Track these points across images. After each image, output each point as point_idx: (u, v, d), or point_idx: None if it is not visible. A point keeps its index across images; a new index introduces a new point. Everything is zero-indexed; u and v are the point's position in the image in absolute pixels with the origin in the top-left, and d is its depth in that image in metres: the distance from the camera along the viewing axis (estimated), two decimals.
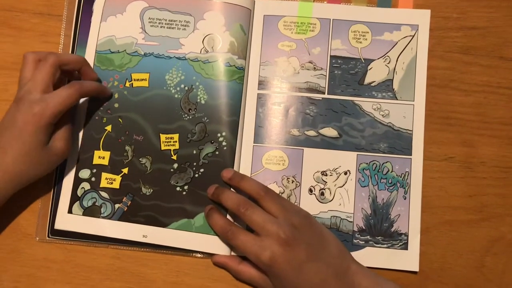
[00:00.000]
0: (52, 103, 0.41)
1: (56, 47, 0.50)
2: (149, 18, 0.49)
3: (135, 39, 0.49)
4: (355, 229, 0.47)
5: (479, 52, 0.49)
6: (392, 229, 0.46)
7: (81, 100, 0.48)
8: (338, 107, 0.48)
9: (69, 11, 0.50)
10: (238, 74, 0.48)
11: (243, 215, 0.41)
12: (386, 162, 0.47)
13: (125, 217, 0.46)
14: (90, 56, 0.49)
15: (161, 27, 0.49)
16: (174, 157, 0.47)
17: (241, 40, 0.48)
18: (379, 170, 0.47)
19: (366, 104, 0.48)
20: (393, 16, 0.49)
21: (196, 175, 0.47)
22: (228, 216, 0.45)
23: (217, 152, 0.47)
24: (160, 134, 0.47)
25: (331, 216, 0.47)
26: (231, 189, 0.46)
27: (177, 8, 0.49)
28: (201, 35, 0.49)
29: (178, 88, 0.48)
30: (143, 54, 0.49)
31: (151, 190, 0.47)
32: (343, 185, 0.47)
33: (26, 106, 0.41)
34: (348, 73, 0.49)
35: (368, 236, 0.46)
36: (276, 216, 0.41)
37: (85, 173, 0.47)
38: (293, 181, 0.47)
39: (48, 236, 0.47)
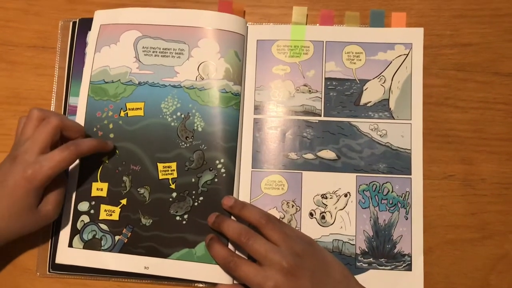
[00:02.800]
0: (45, 166, 0.40)
1: (51, 79, 0.50)
2: (143, 47, 0.49)
3: (129, 69, 0.49)
4: (358, 251, 0.46)
5: (474, 68, 0.49)
6: (395, 250, 0.46)
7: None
8: (335, 129, 0.48)
9: (62, 43, 0.50)
10: (235, 100, 0.48)
11: (244, 245, 0.41)
12: (386, 183, 0.47)
13: (126, 249, 0.46)
14: (84, 87, 0.49)
15: (155, 55, 0.49)
16: (173, 186, 0.47)
17: (236, 66, 0.48)
18: (379, 191, 0.47)
19: (363, 124, 0.48)
20: (387, 35, 0.49)
21: (196, 204, 0.46)
22: (230, 245, 0.45)
23: (216, 180, 0.46)
24: (158, 163, 0.47)
25: (333, 240, 0.46)
26: (232, 217, 0.45)
27: (171, 36, 0.49)
28: (196, 63, 0.48)
29: (174, 116, 0.48)
30: (137, 83, 0.49)
31: (151, 221, 0.46)
32: (344, 207, 0.47)
33: (20, 167, 0.40)
34: (343, 94, 0.49)
35: (371, 259, 0.46)
36: (278, 245, 0.41)
37: (84, 206, 0.47)
38: (293, 206, 0.47)
39: (49, 271, 0.46)
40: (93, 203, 0.47)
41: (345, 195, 0.47)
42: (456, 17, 0.50)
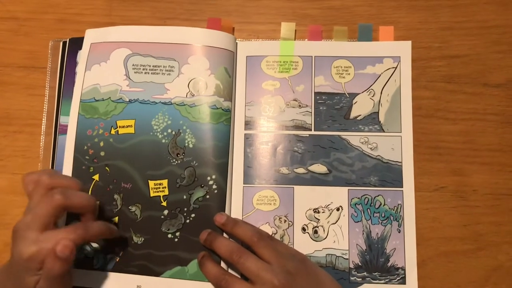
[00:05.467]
0: (45, 249, 0.37)
1: (42, 99, 0.50)
2: (133, 65, 0.49)
3: (120, 86, 0.49)
4: (351, 266, 0.46)
5: (463, 80, 0.49)
6: (389, 264, 0.46)
7: (66, 149, 0.48)
8: (326, 142, 0.48)
9: (53, 63, 0.50)
10: (225, 116, 0.48)
11: (236, 263, 0.41)
12: (377, 196, 0.47)
13: (118, 267, 0.46)
14: (75, 105, 0.49)
15: (145, 73, 0.49)
16: (164, 204, 0.47)
17: (226, 82, 0.48)
18: (371, 204, 0.47)
19: (354, 138, 0.48)
20: (375, 49, 0.49)
21: (188, 221, 0.46)
22: (223, 263, 0.45)
23: (207, 196, 0.46)
24: (149, 181, 0.47)
25: (326, 254, 0.46)
26: (224, 234, 0.45)
27: (161, 53, 0.49)
28: (186, 79, 0.49)
29: (165, 133, 0.48)
30: (128, 100, 0.49)
31: (143, 239, 0.46)
32: (336, 221, 0.47)
33: (20, 245, 0.37)
34: (333, 108, 0.49)
35: (365, 273, 0.46)
36: (270, 263, 0.40)
37: None
38: (285, 221, 0.47)
39: None
40: None
41: (337, 209, 0.47)
42: (444, 29, 0.50)
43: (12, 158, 0.49)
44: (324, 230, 0.47)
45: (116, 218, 0.47)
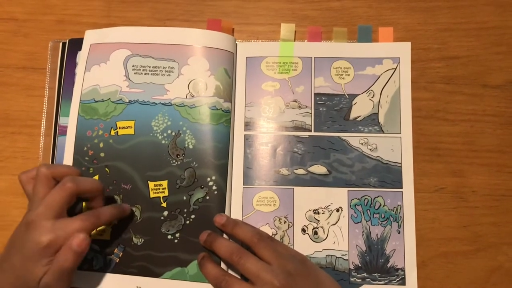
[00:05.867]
0: (61, 237, 0.38)
1: (41, 100, 0.50)
2: (133, 66, 0.49)
3: (119, 87, 0.49)
4: (351, 267, 0.46)
5: (462, 81, 0.49)
6: (389, 265, 0.46)
7: (66, 150, 0.48)
8: (326, 143, 0.48)
9: (52, 64, 0.50)
10: (225, 117, 0.48)
11: (236, 264, 0.41)
12: (377, 197, 0.47)
13: (118, 268, 0.46)
14: (74, 106, 0.49)
15: (145, 74, 0.49)
16: (164, 205, 0.47)
17: (226, 83, 0.48)
18: (371, 205, 0.47)
19: (353, 139, 0.48)
20: (374, 50, 0.50)
21: (187, 222, 0.46)
22: (223, 264, 0.45)
23: (207, 197, 0.46)
24: (149, 182, 0.47)
25: (326, 255, 0.46)
26: (224, 235, 0.45)
27: (161, 54, 0.49)
28: (186, 80, 0.49)
29: (165, 134, 0.48)
30: (127, 101, 0.49)
31: (142, 240, 0.46)
32: (336, 222, 0.47)
33: (36, 234, 0.38)
34: (333, 109, 0.49)
35: (365, 274, 0.46)
36: (270, 263, 0.40)
37: None
38: (285, 222, 0.47)
39: None
40: None
41: (337, 210, 0.47)
42: (443, 30, 0.51)
43: (12, 159, 0.49)
44: (324, 231, 0.47)
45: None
